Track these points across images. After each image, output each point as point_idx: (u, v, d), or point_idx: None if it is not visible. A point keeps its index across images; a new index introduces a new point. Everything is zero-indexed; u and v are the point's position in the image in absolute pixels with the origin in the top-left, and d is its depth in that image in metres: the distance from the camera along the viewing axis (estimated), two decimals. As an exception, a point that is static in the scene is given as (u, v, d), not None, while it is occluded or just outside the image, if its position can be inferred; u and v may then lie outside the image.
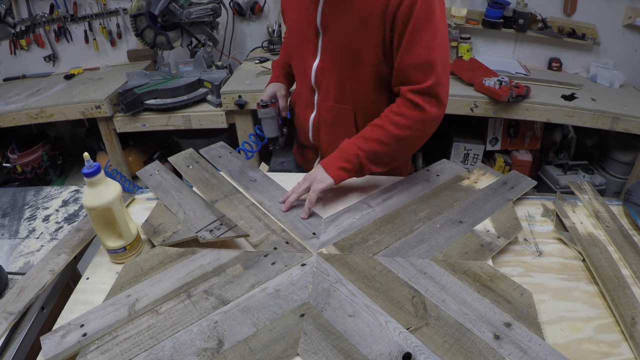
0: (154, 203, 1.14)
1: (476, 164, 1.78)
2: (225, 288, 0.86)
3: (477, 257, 0.93)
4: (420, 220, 1.04)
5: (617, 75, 2.50)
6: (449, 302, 0.82)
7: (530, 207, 1.15)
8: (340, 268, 0.91)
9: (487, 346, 0.73)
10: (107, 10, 2.81)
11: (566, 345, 0.76)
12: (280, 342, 0.75)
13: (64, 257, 0.97)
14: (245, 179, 1.23)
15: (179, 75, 2.57)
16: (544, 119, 2.23)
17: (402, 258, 0.93)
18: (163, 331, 0.78)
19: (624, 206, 1.14)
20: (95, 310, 0.82)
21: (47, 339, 0.77)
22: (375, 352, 0.73)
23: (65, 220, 1.16)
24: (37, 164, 2.77)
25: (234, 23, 2.86)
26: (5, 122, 2.42)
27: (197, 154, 1.36)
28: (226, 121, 2.39)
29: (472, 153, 2.62)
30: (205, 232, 0.98)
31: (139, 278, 0.90)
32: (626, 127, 2.15)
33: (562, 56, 2.68)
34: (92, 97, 2.39)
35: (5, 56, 2.87)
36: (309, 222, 1.05)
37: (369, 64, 1.08)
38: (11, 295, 0.87)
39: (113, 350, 0.74)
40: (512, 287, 0.85)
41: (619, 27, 2.53)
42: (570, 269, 0.94)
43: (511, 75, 2.45)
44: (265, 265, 0.92)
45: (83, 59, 2.95)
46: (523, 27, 2.57)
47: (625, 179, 2.46)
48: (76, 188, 1.31)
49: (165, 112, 2.38)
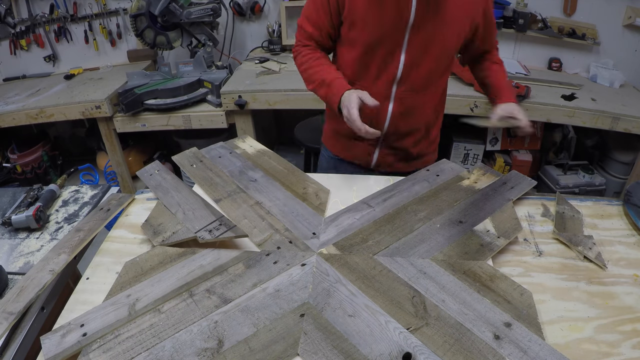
0: (154, 203, 1.14)
1: (476, 164, 1.78)
2: (228, 287, 0.86)
3: (477, 257, 0.93)
4: (420, 220, 1.04)
5: (617, 75, 2.49)
6: (449, 302, 0.82)
7: (530, 207, 1.15)
8: (340, 268, 0.91)
9: (487, 346, 0.73)
10: (107, 10, 2.81)
11: (566, 345, 0.76)
12: (280, 342, 0.75)
13: (64, 257, 0.97)
14: (246, 179, 1.23)
15: (179, 75, 2.57)
16: (544, 119, 2.23)
17: (402, 258, 0.93)
18: (165, 330, 0.78)
19: (624, 207, 1.14)
20: (95, 310, 0.82)
21: (47, 338, 0.77)
22: (375, 352, 0.73)
23: (65, 220, 1.16)
24: (37, 164, 2.77)
25: (234, 23, 2.86)
26: (5, 122, 2.42)
27: (201, 153, 1.37)
28: (226, 121, 2.39)
29: (472, 153, 2.62)
30: (204, 232, 0.98)
31: (139, 278, 0.90)
32: (626, 127, 2.15)
33: (562, 56, 2.68)
34: (92, 97, 2.39)
35: (5, 56, 2.87)
36: (309, 222, 1.05)
37: (452, 55, 1.26)
38: (11, 295, 0.87)
39: (115, 349, 0.75)
40: (512, 287, 0.85)
41: (619, 27, 2.53)
42: (570, 269, 0.94)
43: (511, 75, 2.45)
44: (267, 264, 0.92)
45: (83, 59, 2.95)
46: (523, 27, 2.57)
47: (625, 179, 2.45)
48: (76, 188, 1.32)
49: (165, 112, 2.38)
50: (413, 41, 1.17)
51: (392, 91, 1.26)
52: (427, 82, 1.26)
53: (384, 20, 1.16)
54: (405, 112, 1.29)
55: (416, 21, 1.14)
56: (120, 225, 1.11)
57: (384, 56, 1.21)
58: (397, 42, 1.18)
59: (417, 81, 1.24)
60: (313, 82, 1.27)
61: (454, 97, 2.25)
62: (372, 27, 1.18)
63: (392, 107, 1.28)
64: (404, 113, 1.29)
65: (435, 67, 1.23)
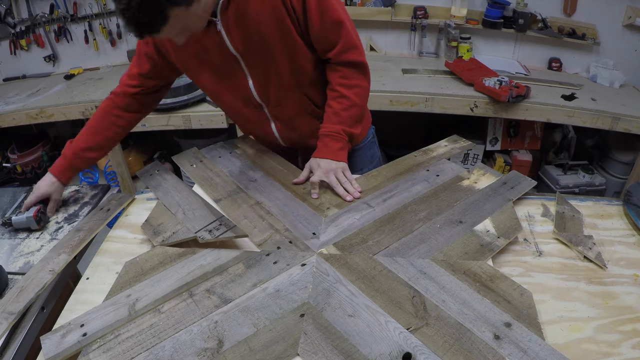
0: (154, 203, 1.14)
1: (476, 164, 1.78)
2: (228, 287, 0.86)
3: (477, 257, 0.93)
4: (420, 220, 1.04)
5: (617, 75, 2.50)
6: (449, 302, 0.82)
7: (530, 207, 1.15)
8: (340, 268, 0.91)
9: (487, 346, 0.73)
10: (107, 10, 2.81)
11: (566, 345, 0.76)
12: (280, 342, 0.75)
13: (64, 257, 0.97)
14: (246, 179, 1.23)
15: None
16: (544, 119, 2.23)
17: (402, 258, 0.93)
18: (165, 330, 0.78)
19: (624, 207, 1.14)
20: (95, 310, 0.82)
21: (47, 338, 0.77)
22: (375, 352, 0.73)
23: (65, 220, 1.16)
24: (37, 164, 2.77)
25: (234, 23, 2.86)
26: (5, 122, 2.42)
27: (201, 153, 1.37)
28: (226, 121, 2.39)
29: (472, 153, 2.62)
30: (204, 233, 0.98)
31: (139, 278, 0.90)
32: (626, 127, 2.15)
33: (562, 56, 2.68)
34: (92, 97, 2.39)
35: (5, 56, 2.87)
36: (309, 222, 1.05)
37: (297, 55, 1.13)
38: (11, 295, 0.87)
39: (115, 349, 0.75)
40: (512, 287, 0.85)
41: (619, 27, 2.53)
42: (570, 269, 0.94)
43: (511, 75, 2.45)
44: (267, 264, 0.92)
45: (83, 59, 2.95)
46: (523, 27, 2.57)
47: (625, 179, 2.46)
48: (76, 188, 1.32)
49: (165, 112, 2.38)
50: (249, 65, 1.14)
51: (266, 113, 1.26)
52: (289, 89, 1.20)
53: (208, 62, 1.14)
54: (291, 122, 1.28)
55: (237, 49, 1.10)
56: (120, 225, 1.11)
57: (233, 90, 1.20)
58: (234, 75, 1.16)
59: (279, 95, 1.20)
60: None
61: (453, 97, 2.25)
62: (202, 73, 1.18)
63: (274, 126, 1.29)
64: (290, 122, 1.28)
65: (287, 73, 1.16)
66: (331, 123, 1.19)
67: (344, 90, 1.18)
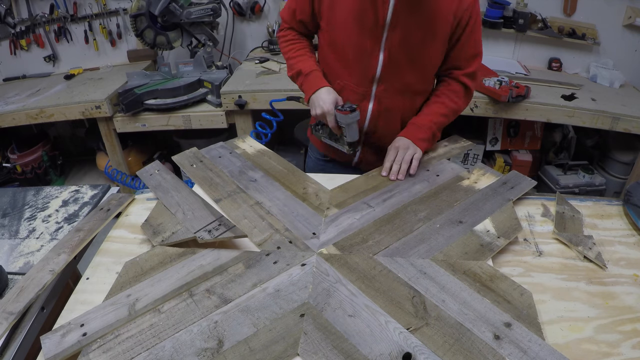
0: (153, 203, 1.14)
1: (476, 164, 1.78)
2: (228, 287, 0.86)
3: (477, 257, 0.93)
4: (420, 220, 1.04)
5: (617, 75, 2.49)
6: (449, 302, 0.82)
7: (530, 207, 1.15)
8: (340, 268, 0.91)
9: (487, 346, 0.73)
10: (107, 10, 2.81)
11: (566, 345, 0.76)
12: (280, 342, 0.75)
13: (64, 257, 0.97)
14: (246, 179, 1.23)
15: (179, 76, 2.57)
16: (544, 119, 2.23)
17: (402, 258, 0.93)
18: (165, 330, 0.78)
19: (624, 207, 1.14)
20: (95, 310, 0.82)
21: (47, 338, 0.77)
22: (375, 352, 0.73)
23: (65, 220, 1.16)
24: (37, 164, 2.77)
25: (234, 23, 2.86)
26: (5, 122, 2.42)
27: (201, 153, 1.37)
28: (226, 121, 2.39)
29: (472, 153, 2.62)
30: (203, 233, 0.98)
31: (139, 278, 0.90)
32: (626, 127, 2.15)
33: (562, 56, 2.68)
34: (92, 97, 2.39)
35: (5, 56, 2.87)
36: (309, 222, 1.05)
37: (433, 57, 1.23)
38: (11, 295, 0.87)
39: (115, 349, 0.75)
40: (512, 287, 0.85)
41: (619, 27, 2.53)
42: (570, 269, 0.94)
43: (511, 75, 2.45)
44: (267, 264, 0.92)
45: (83, 59, 2.95)
46: (523, 27, 2.57)
47: (625, 179, 2.45)
48: (76, 188, 1.31)
49: (165, 112, 2.38)
50: (391, 41, 1.17)
51: (372, 90, 1.26)
52: (406, 84, 1.25)
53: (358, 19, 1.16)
54: (384, 112, 1.30)
55: (393, 20, 1.13)
56: (120, 225, 1.11)
57: (363, 54, 1.21)
58: (372, 41, 1.18)
59: (396, 81, 1.24)
60: (292, 70, 1.32)
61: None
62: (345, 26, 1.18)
63: (371, 106, 1.29)
64: (383, 112, 1.30)
65: (414, 68, 1.22)
66: (424, 116, 1.29)
67: (447, 102, 1.29)
